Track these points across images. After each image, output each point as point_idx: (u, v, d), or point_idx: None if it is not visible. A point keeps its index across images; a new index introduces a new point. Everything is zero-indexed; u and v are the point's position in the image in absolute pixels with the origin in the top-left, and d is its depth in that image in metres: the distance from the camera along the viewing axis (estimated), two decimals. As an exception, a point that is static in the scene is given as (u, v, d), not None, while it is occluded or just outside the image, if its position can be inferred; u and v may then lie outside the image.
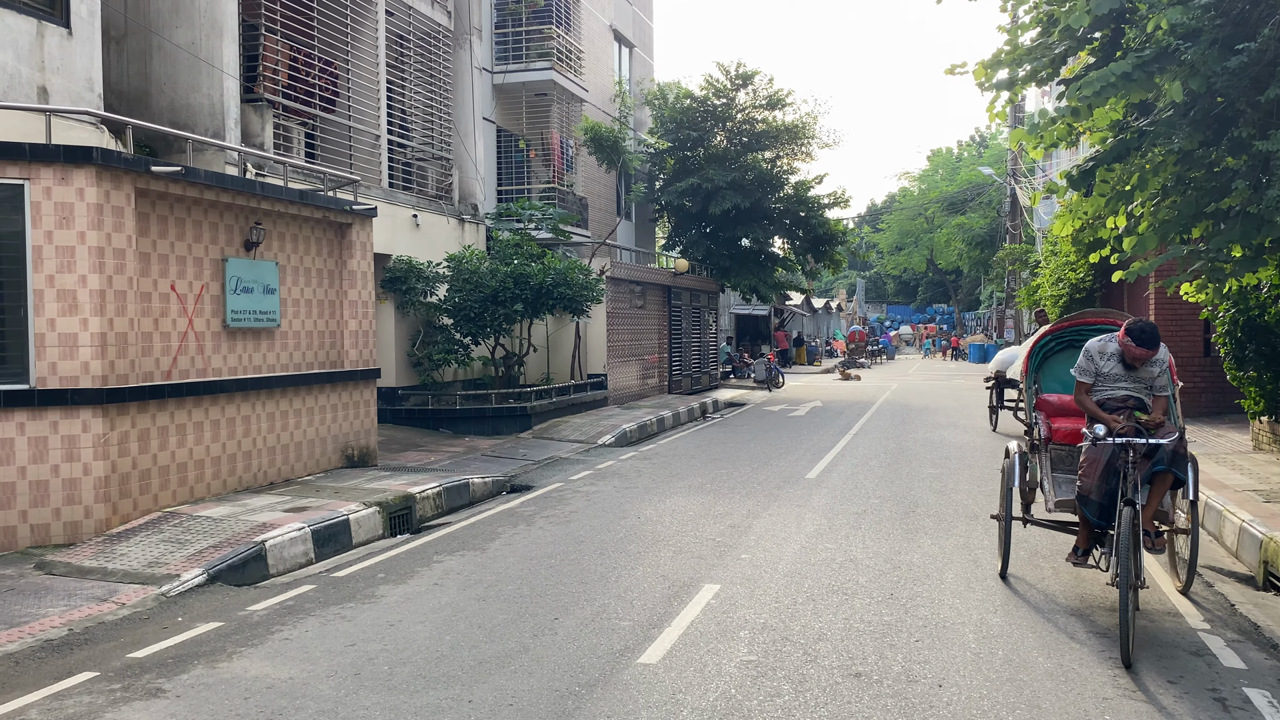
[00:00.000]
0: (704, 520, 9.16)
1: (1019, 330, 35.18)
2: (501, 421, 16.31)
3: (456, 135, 18.87)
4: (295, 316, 10.91)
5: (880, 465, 12.61)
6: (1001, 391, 16.88)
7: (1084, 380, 6.27)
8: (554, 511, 9.86)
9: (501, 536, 8.77)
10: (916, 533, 8.57)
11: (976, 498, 10.29)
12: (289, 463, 10.63)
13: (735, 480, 11.52)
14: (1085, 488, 5.97)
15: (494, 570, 7.50)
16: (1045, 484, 6.71)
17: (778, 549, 7.92)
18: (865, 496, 10.33)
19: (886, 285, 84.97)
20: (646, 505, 10.03)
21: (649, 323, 23.69)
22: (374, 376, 12.02)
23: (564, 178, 22.84)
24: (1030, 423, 7.07)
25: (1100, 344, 6.30)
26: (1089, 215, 10.48)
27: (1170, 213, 9.31)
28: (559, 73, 21.80)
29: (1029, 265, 28.23)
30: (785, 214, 27.80)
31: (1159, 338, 5.98)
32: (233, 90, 12.85)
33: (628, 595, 6.65)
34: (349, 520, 8.95)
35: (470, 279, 16.01)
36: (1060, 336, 7.40)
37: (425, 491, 10.25)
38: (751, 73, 27.05)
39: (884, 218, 66.41)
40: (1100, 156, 9.60)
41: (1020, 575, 7.16)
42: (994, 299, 54.11)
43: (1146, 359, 6.04)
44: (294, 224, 10.91)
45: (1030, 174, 34.06)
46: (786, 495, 10.44)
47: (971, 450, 14.11)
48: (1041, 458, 6.84)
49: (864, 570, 7.26)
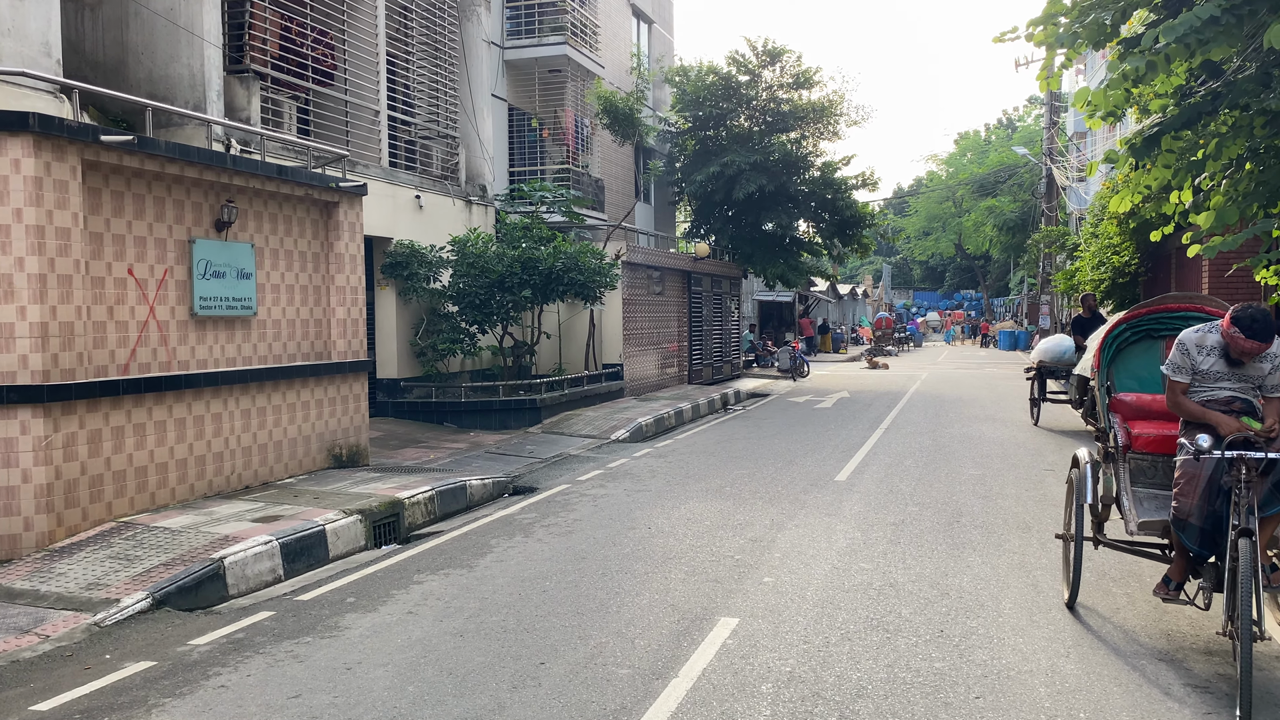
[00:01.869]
0: (721, 532, 8.16)
1: (1054, 316, 33.84)
2: (509, 415, 15.36)
3: (463, 112, 17.88)
4: (274, 304, 9.98)
5: (916, 465, 11.56)
6: (1044, 383, 15.73)
7: (1179, 379, 5.21)
8: (556, 519, 8.90)
9: (494, 550, 7.81)
10: (963, 548, 7.53)
11: (1026, 504, 9.23)
12: (267, 464, 9.72)
13: (757, 483, 10.51)
14: (1183, 509, 4.92)
15: (479, 594, 6.54)
16: (1124, 500, 5.64)
17: (806, 570, 6.91)
18: (902, 503, 9.29)
19: (913, 271, 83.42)
20: (658, 513, 9.05)
21: (668, 310, 22.66)
22: (364, 369, 11.08)
23: (579, 158, 21.80)
24: (1105, 427, 6.00)
25: (1198, 335, 5.23)
26: (1153, 188, 9.33)
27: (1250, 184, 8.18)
28: (573, 48, 20.74)
29: (1066, 249, 26.93)
30: (811, 196, 26.60)
31: (1274, 328, 4.91)
32: (215, 60, 11.91)
33: (629, 631, 5.67)
34: (325, 531, 8.02)
35: (475, 263, 15.05)
36: (1137, 325, 6.32)
37: (416, 496, 9.31)
38: (780, 50, 25.83)
39: (911, 201, 64.84)
40: (1167, 122, 8.48)
41: (1090, 605, 6.11)
42: (1025, 284, 52.63)
43: (1258, 354, 4.98)
44: (273, 202, 9.97)
45: (1065, 153, 32.67)
46: (814, 501, 9.42)
47: (1014, 447, 13.01)
48: (1119, 469, 5.78)
49: (907, 598, 6.24)
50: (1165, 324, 6.25)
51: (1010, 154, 51.09)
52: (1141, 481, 5.73)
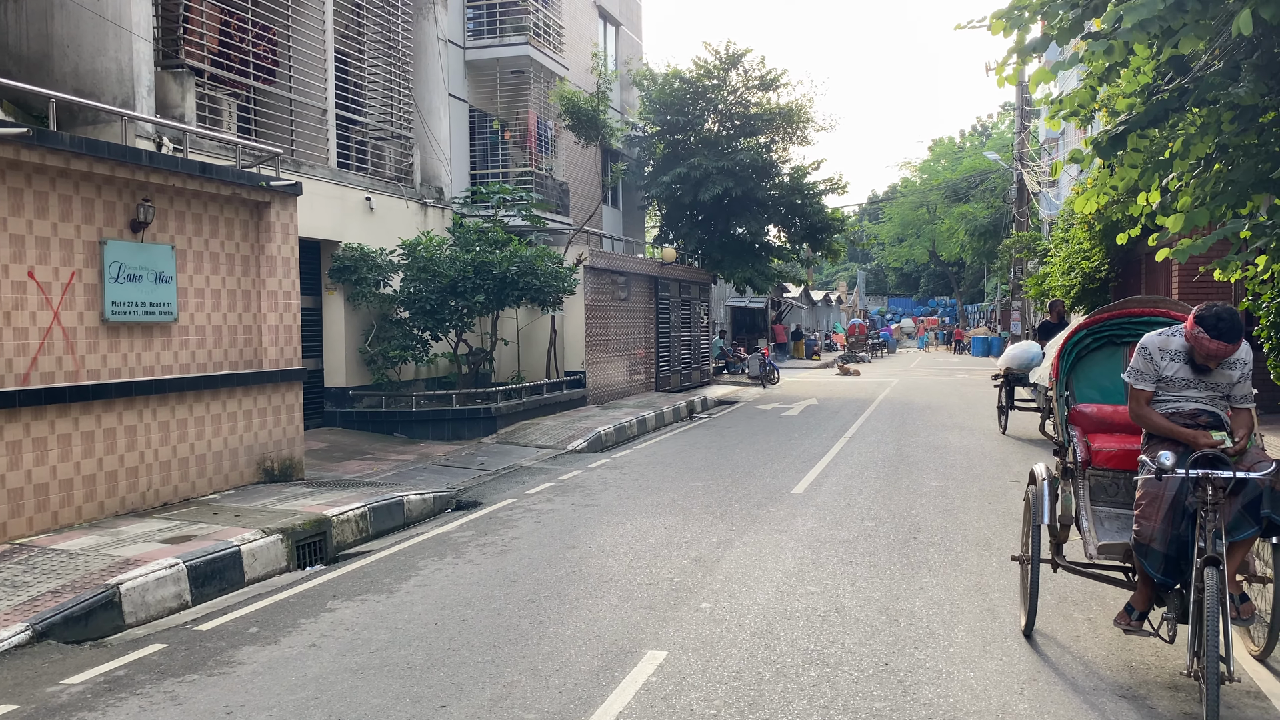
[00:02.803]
0: (665, 551, 7.68)
1: (1025, 322, 33.65)
2: (463, 425, 14.83)
3: (418, 112, 17.36)
4: (199, 309, 9.43)
5: (877, 476, 11.13)
6: (1011, 391, 15.38)
7: (1141, 387, 4.79)
8: (493, 538, 8.39)
9: (421, 573, 7.30)
10: (918, 568, 7.09)
11: (988, 518, 8.81)
12: (188, 479, 9.16)
13: (711, 496, 10.04)
14: (1145, 533, 4.49)
15: (393, 624, 6.03)
16: (1084, 521, 5.21)
17: (747, 594, 6.44)
18: (858, 518, 8.84)
19: (888, 277, 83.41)
20: (602, 530, 8.56)
21: (634, 316, 22.19)
22: (299, 378, 10.53)
23: (542, 161, 21.29)
24: (1064, 441, 5.57)
25: (1161, 339, 4.82)
26: (1120, 189, 8.96)
27: (1218, 183, 7.82)
28: (536, 48, 20.25)
29: (1037, 254, 26.70)
30: (780, 201, 26.27)
31: (1242, 328, 4.50)
32: (145, 54, 11.36)
33: (546, 667, 5.17)
34: (240, 552, 7.47)
35: (427, 267, 14.52)
36: (1098, 331, 5.91)
37: (345, 513, 8.77)
38: (742, 52, 25.49)
39: (885, 208, 64.78)
40: (1133, 119, 8.09)
41: (1048, 632, 5.68)
42: (999, 291, 52.60)
43: (1224, 357, 4.57)
44: (197, 202, 9.42)
45: (1037, 158, 32.50)
46: (767, 517, 8.96)
47: (979, 457, 12.62)
48: (1078, 486, 5.34)
49: (853, 626, 5.78)
50: (1128, 329, 5.85)
51: (983, 160, 51.07)
52: (1102, 500, 5.30)
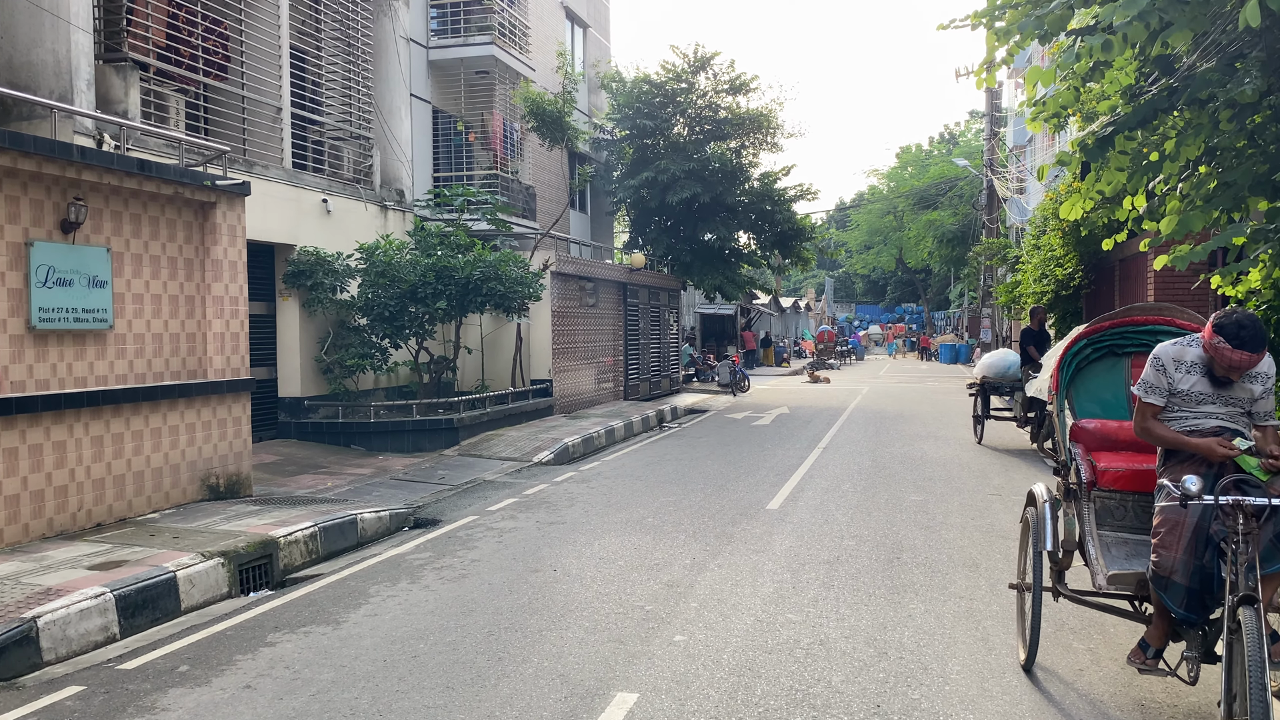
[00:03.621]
0: (635, 575, 7.20)
1: (995, 330, 33.57)
2: (424, 436, 14.26)
3: (378, 112, 16.79)
4: (137, 316, 8.83)
5: (854, 490, 10.73)
6: (987, 400, 15.08)
7: (1150, 401, 4.40)
8: (452, 560, 7.87)
9: (372, 600, 6.77)
10: (904, 592, 6.67)
11: (972, 536, 8.43)
12: (125, 498, 8.55)
13: (683, 512, 9.59)
14: (1165, 564, 4.08)
15: (338, 661, 5.50)
16: (1090, 547, 4.80)
17: (724, 624, 5.98)
18: (838, 536, 8.42)
19: (855, 284, 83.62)
20: (568, 550, 8.07)
21: (602, 323, 21.71)
22: (246, 388, 9.95)
23: (508, 164, 20.77)
24: (1065, 460, 5.16)
25: (1176, 349, 4.42)
26: (1106, 193, 8.62)
27: (1212, 185, 7.50)
28: (501, 48, 19.75)
29: (1007, 261, 26.57)
30: (750, 208, 25.96)
31: (1265, 337, 4.12)
32: (84, 46, 10.75)
33: (505, 713, 4.67)
34: (176, 579, 6.90)
35: (385, 272, 13.96)
36: (1098, 341, 5.52)
37: (294, 534, 8.21)
38: (711, 55, 25.17)
39: (853, 215, 64.83)
40: (1121, 120, 7.76)
41: (1049, 666, 5.27)
42: (965, 297, 52.71)
43: (1247, 369, 4.18)
44: (135, 202, 8.82)
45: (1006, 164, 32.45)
46: (742, 535, 8.51)
47: (957, 469, 12.27)
48: (1083, 509, 4.94)
49: (839, 660, 5.34)
50: (1131, 339, 5.47)
51: (950, 167, 51.21)
52: (1109, 524, 4.89)
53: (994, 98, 30.16)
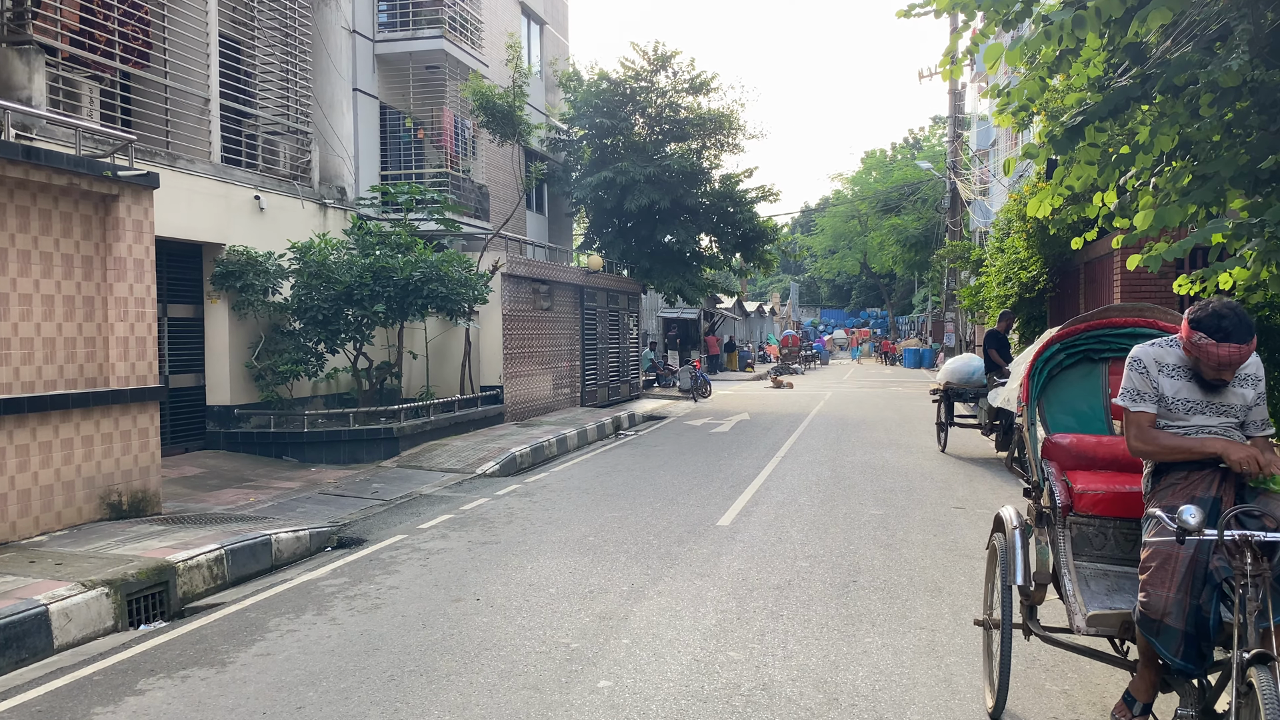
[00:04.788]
0: (566, 604, 6.53)
1: (959, 334, 33.27)
2: (361, 447, 13.49)
3: (318, 106, 16.01)
4: (24, 318, 8.02)
5: (811, 503, 10.13)
6: (951, 406, 14.57)
7: (1142, 408, 3.80)
8: (367, 587, 7.15)
9: (269, 636, 6.04)
10: (860, 623, 6.05)
11: (934, 555, 7.84)
12: (7, 520, 7.74)
13: (628, 529, 8.93)
14: (1156, 606, 3.48)
15: (209, 715, 4.78)
16: (1066, 582, 4.20)
17: (657, 665, 5.32)
18: (791, 556, 7.80)
19: (821, 289, 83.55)
20: (497, 576, 7.37)
21: (558, 327, 21.01)
22: (154, 397, 9.16)
23: (459, 163, 20.02)
24: (1037, 480, 4.56)
25: (1155, 350, 3.84)
26: (1077, 188, 8.08)
27: (1184, 180, 6.98)
28: (452, 42, 19.01)
29: (971, 264, 26.22)
30: (711, 209, 25.39)
31: (1251, 324, 3.54)
32: (-19, 26, 9.91)
33: (389, 783, 3.99)
34: (48, 613, 6.13)
35: (319, 273, 13.18)
36: (1072, 345, 4.93)
37: (196, 558, 7.45)
38: (671, 53, 24.58)
39: (817, 219, 64.64)
40: (1092, 109, 7.23)
41: (1019, 712, 4.66)
42: (928, 302, 52.59)
43: (1239, 364, 3.59)
44: (22, 193, 8.02)
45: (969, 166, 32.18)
46: (688, 556, 7.86)
47: (920, 479, 11.72)
48: (1058, 537, 4.33)
49: (783, 709, 4.70)
50: (1108, 343, 4.88)
51: (914, 170, 51.08)
52: (1087, 553, 4.29)
53: (957, 99, 29.86)
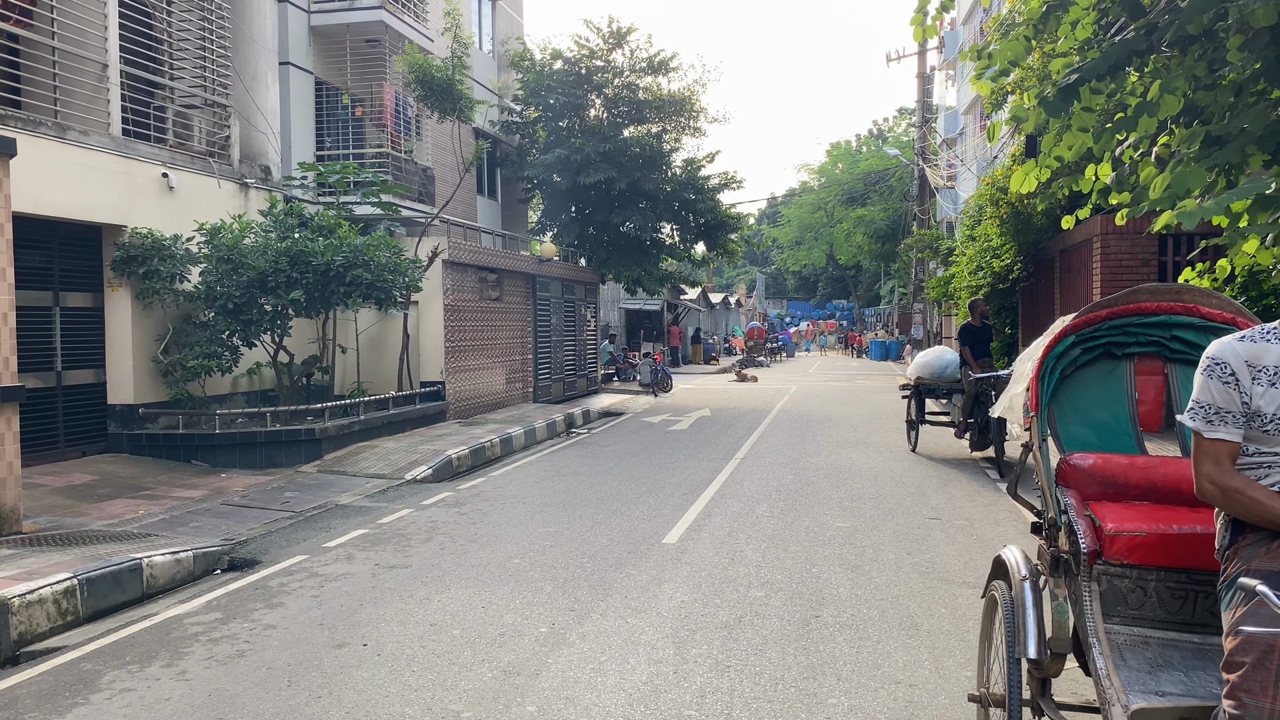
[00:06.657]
0: (469, 653, 5.40)
1: (927, 326, 32.47)
2: (280, 450, 12.25)
3: (238, 77, 14.69)
4: None
5: (770, 514, 9.08)
6: (922, 403, 13.59)
7: (1219, 436, 2.70)
8: (240, 626, 5.99)
9: (92, 700, 4.86)
10: (822, 674, 4.99)
11: (909, 578, 6.81)
12: None
13: (560, 549, 7.82)
14: (1250, 714, 2.42)
15: (-32, 827, 3.63)
16: (1096, 655, 3.12)
17: (568, 742, 4.22)
18: (744, 583, 6.73)
19: (787, 281, 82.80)
20: (396, 611, 6.23)
21: (508, 318, 19.81)
22: (12, 398, 7.90)
23: (400, 143, 18.75)
24: (1054, 515, 3.48)
25: (1248, 348, 2.71)
26: (1068, 157, 7.05)
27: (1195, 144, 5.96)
28: (392, 13, 17.75)
29: (940, 253, 25.36)
30: (673, 196, 24.29)
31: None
32: None
33: None
34: None
35: (231, 258, 11.92)
36: (1090, 339, 3.86)
37: (38, 591, 6.24)
38: (627, 30, 23.44)
39: (784, 210, 63.75)
40: (1088, 67, 6.22)
41: (1026, 810, 3.62)
42: (895, 293, 51.92)
43: None
44: None
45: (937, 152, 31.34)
46: (624, 585, 6.76)
47: (890, 484, 10.71)
48: (1082, 591, 3.26)
49: (723, 810, 3.63)
50: (1135, 334, 3.82)
51: (881, 160, 50.31)
52: (1120, 613, 3.22)
53: (926, 83, 28.98)
